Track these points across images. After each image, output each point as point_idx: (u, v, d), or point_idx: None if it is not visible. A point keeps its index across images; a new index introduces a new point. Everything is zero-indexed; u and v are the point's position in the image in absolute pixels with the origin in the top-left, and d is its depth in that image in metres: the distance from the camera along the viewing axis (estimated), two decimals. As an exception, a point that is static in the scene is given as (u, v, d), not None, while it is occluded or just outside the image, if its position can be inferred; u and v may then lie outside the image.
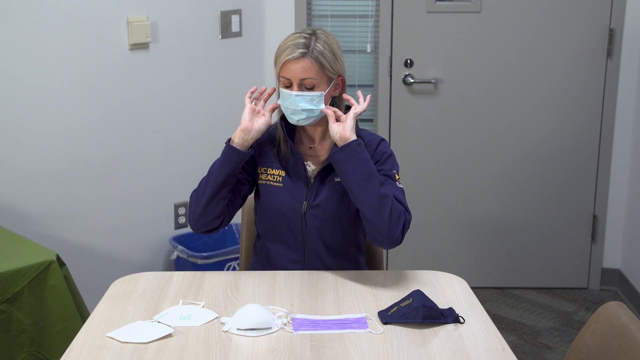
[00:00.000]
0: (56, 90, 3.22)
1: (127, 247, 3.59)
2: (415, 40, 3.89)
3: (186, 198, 3.78)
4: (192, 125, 3.73)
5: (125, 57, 3.42)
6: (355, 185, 2.14)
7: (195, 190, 2.27)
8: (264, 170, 2.32)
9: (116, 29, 3.36)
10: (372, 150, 2.27)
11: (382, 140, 2.32)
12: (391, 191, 2.17)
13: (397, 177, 2.26)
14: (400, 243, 2.17)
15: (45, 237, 3.24)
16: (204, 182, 2.25)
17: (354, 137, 2.16)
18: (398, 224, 2.14)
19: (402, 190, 2.26)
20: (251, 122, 2.24)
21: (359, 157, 2.14)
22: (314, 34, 2.22)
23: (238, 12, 3.80)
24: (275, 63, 2.23)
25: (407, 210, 2.21)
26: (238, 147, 2.23)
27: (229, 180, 2.22)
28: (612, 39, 3.82)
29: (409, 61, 3.91)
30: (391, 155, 2.29)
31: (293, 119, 2.23)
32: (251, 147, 2.26)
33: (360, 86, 4.02)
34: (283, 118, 2.30)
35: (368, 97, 2.24)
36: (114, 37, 3.37)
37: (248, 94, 2.29)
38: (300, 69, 2.17)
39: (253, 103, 2.28)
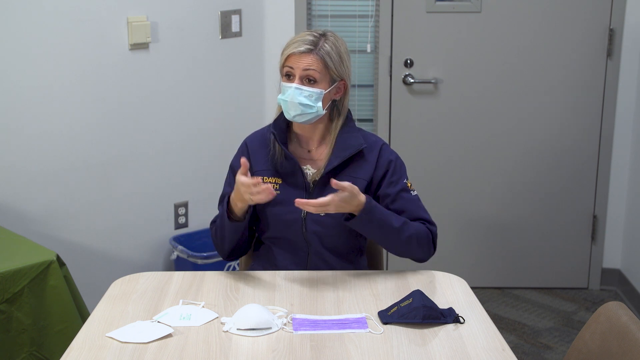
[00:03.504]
0: (56, 90, 3.23)
1: (127, 247, 3.59)
2: (415, 40, 3.89)
3: (186, 198, 3.79)
4: (192, 125, 3.73)
5: (125, 57, 3.42)
6: (379, 240, 2.25)
7: (214, 229, 2.30)
8: (261, 179, 2.29)
9: (116, 29, 3.36)
10: (374, 159, 2.28)
11: (384, 144, 2.31)
12: (412, 229, 2.22)
13: (409, 186, 2.29)
14: (434, 254, 2.31)
15: (45, 237, 3.24)
16: (219, 232, 2.26)
17: (359, 207, 2.12)
18: (427, 247, 2.27)
19: (417, 198, 2.31)
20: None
21: (373, 222, 2.16)
22: (324, 35, 2.23)
23: (238, 12, 3.80)
24: (281, 55, 2.24)
25: (429, 222, 2.29)
26: (238, 215, 2.20)
27: (241, 234, 2.26)
28: (612, 39, 3.82)
29: (409, 61, 3.91)
30: (397, 160, 2.30)
31: (290, 114, 2.22)
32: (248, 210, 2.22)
33: (360, 86, 4.02)
34: (274, 126, 2.28)
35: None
36: (114, 37, 3.37)
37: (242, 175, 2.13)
38: (304, 62, 2.18)
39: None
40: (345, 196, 2.08)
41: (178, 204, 3.77)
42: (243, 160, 2.09)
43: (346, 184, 2.08)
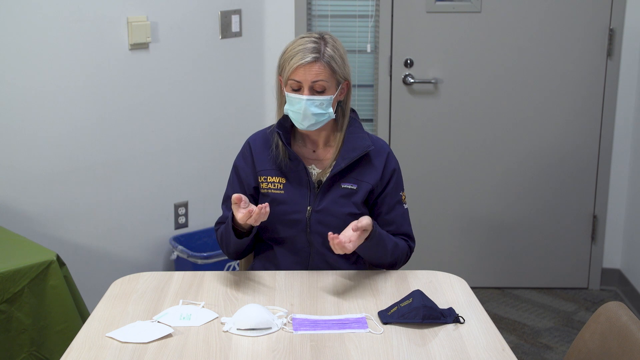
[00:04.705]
0: (56, 90, 3.22)
1: (127, 247, 3.59)
2: (415, 40, 3.89)
3: (186, 198, 3.79)
4: (192, 125, 3.73)
5: (125, 57, 3.42)
6: (367, 256, 2.27)
7: (219, 233, 2.31)
8: (264, 179, 2.30)
9: (116, 29, 3.36)
10: (381, 166, 2.29)
11: (390, 151, 2.34)
12: (399, 251, 2.28)
13: (403, 198, 2.34)
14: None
15: (45, 237, 3.24)
16: (225, 239, 2.28)
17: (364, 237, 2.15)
18: (403, 263, 2.33)
19: (407, 212, 2.36)
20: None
21: (373, 248, 2.19)
22: (322, 38, 2.20)
23: (238, 12, 3.80)
24: (283, 68, 2.21)
25: (411, 238, 2.35)
26: (245, 228, 2.22)
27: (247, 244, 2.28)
28: (612, 39, 3.82)
29: (409, 61, 3.91)
30: (399, 170, 2.34)
31: (303, 125, 2.21)
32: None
33: (360, 86, 4.02)
34: (279, 125, 2.28)
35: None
36: (114, 37, 3.37)
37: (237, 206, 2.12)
38: (312, 73, 2.16)
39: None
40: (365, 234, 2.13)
41: (178, 204, 3.77)
42: (236, 196, 2.08)
43: (365, 222, 2.10)
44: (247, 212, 2.07)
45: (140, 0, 3.42)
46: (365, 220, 2.11)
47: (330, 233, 2.07)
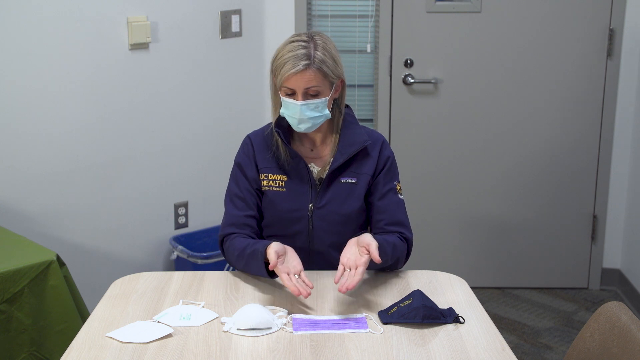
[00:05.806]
0: (56, 90, 3.22)
1: (127, 247, 3.59)
2: (415, 40, 3.89)
3: (186, 198, 3.79)
4: (192, 126, 3.73)
5: (125, 57, 3.42)
6: (373, 268, 2.20)
7: (235, 255, 2.22)
8: (266, 176, 2.30)
9: (116, 29, 3.36)
10: (376, 155, 2.30)
11: (384, 140, 2.34)
12: (398, 251, 2.23)
13: (398, 189, 2.32)
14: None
15: (45, 237, 3.24)
16: (241, 264, 2.21)
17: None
18: (404, 262, 2.29)
19: (402, 202, 2.33)
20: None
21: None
22: (311, 39, 2.19)
23: (238, 12, 3.80)
24: (275, 74, 2.20)
25: (407, 228, 2.31)
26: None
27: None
28: (612, 39, 3.82)
29: (409, 61, 3.91)
30: (393, 158, 2.33)
31: (300, 128, 2.22)
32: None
33: (360, 86, 4.02)
34: (278, 125, 2.29)
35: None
36: (114, 37, 3.37)
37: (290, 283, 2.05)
38: (304, 80, 2.15)
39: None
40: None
41: (178, 204, 3.77)
42: (275, 259, 2.03)
43: (373, 251, 2.04)
44: (295, 288, 2.00)
45: (140, 0, 3.42)
46: (364, 238, 2.09)
47: (340, 270, 2.05)
